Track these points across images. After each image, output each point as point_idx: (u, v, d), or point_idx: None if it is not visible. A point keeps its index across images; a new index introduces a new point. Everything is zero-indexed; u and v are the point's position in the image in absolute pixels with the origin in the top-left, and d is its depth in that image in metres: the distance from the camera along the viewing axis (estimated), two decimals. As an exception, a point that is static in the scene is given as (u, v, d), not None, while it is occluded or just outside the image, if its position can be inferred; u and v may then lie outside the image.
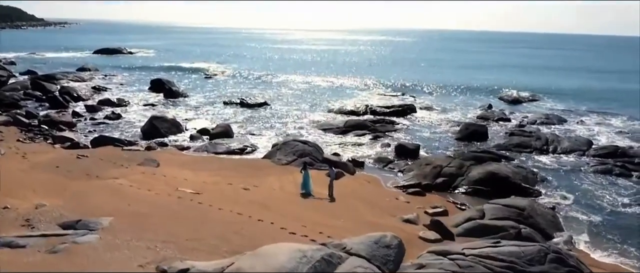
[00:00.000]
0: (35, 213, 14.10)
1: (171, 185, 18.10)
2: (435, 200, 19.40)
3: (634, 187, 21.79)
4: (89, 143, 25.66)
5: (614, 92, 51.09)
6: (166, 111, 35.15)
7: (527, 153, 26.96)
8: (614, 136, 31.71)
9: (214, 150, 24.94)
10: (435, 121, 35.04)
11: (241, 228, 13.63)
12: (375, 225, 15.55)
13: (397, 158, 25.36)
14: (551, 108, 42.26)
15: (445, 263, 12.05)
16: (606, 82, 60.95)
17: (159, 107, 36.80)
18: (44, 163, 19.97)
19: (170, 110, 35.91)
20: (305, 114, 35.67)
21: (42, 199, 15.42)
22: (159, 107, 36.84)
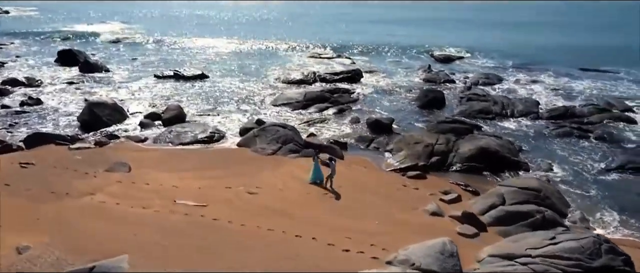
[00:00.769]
0: (23, 262, 11.39)
1: (164, 196, 15.81)
2: (438, 182, 19.27)
3: (599, 150, 23.54)
4: (20, 143, 21.54)
5: (539, 48, 54.10)
6: (92, 91, 30.84)
7: (490, 120, 27.92)
8: (551, 95, 34.03)
9: (179, 140, 22.36)
10: (386, 87, 34.84)
11: (287, 250, 12.27)
12: (408, 224, 15.04)
13: (373, 133, 24.77)
14: (483, 66, 44.25)
15: (519, 269, 11.81)
16: (531, 37, 64.44)
17: (82, 86, 32.11)
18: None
19: (96, 89, 31.53)
20: (252, 87, 33.40)
21: (16, 237, 12.49)
22: (81, 86, 32.13)
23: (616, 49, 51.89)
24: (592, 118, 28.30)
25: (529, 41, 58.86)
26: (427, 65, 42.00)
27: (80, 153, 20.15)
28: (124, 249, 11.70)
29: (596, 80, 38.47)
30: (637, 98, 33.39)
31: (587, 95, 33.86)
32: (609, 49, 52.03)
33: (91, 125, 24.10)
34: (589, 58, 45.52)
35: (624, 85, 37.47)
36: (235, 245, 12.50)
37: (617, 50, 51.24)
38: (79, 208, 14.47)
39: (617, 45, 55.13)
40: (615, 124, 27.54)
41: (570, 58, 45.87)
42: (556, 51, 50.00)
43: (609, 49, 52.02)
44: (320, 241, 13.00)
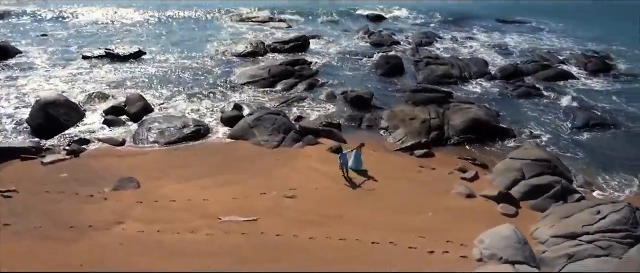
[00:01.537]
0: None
1: (202, 214, 14.80)
2: (447, 159, 20.21)
3: (558, 109, 26.11)
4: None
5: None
6: (19, 84, 26.82)
7: (454, 84, 29.37)
8: (492, 53, 36.44)
9: (165, 139, 20.62)
10: (340, 55, 34.57)
11: (381, 262, 12.31)
12: (454, 211, 15.79)
13: (354, 110, 24.94)
14: (414, 24, 45.55)
15: (588, 247, 13.13)
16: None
17: (0, 78, 27.67)
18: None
19: (22, 81, 27.42)
20: (201, 64, 31.18)
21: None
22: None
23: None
24: (537, 75, 31.01)
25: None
26: (364, 26, 42.27)
27: (61, 169, 17.79)
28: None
29: (522, 34, 41.80)
30: (563, 50, 37.00)
31: (522, 51, 36.81)
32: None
33: (48, 130, 21.14)
34: (504, 10, 48.81)
35: (546, 37, 41.27)
36: (322, 263, 12.23)
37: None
38: (118, 244, 13.04)
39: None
40: (558, 80, 30.45)
41: (489, 11, 48.84)
42: (475, 4, 52.85)
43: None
44: (400, 245, 13.20)
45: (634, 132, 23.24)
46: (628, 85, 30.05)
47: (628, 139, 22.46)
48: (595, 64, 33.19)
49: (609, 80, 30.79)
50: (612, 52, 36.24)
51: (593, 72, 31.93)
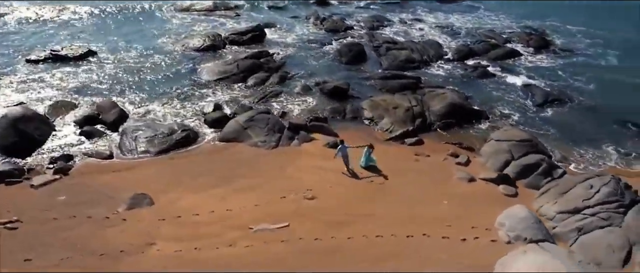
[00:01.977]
0: None
1: (231, 225, 14.95)
2: (436, 145, 21.55)
3: (516, 86, 28.30)
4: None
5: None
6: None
7: (417, 68, 30.77)
8: (442, 34, 38.19)
9: (155, 148, 20.09)
10: (296, 43, 34.50)
11: (434, 255, 13.23)
12: (463, 196, 17.04)
13: (332, 101, 25.54)
14: (358, 7, 46.11)
15: (593, 220, 14.92)
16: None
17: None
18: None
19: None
20: (160, 61, 30.05)
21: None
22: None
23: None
24: (489, 55, 33.23)
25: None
26: (313, 12, 42.45)
27: (56, 191, 16.92)
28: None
29: (462, 14, 44.06)
30: (504, 28, 39.70)
31: (467, 30, 38.92)
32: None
33: (23, 148, 19.78)
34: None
35: (485, 15, 43.87)
36: (372, 262, 12.93)
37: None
38: (161, 267, 12.89)
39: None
40: (507, 59, 32.87)
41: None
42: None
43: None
44: (433, 237, 14.18)
45: (586, 105, 25.86)
46: (568, 60, 33.03)
47: (583, 113, 25.00)
48: (536, 40, 36.02)
49: (551, 56, 33.62)
50: (546, 28, 39.37)
51: (536, 49, 34.60)
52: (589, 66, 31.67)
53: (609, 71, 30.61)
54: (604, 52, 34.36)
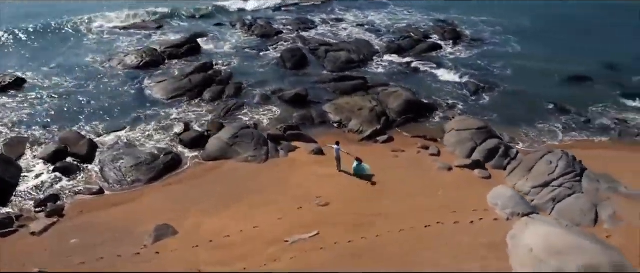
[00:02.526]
0: None
1: (265, 242, 15.88)
2: (405, 140, 23.88)
3: (449, 78, 31.72)
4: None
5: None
6: None
7: (358, 68, 33.00)
8: (366, 32, 40.74)
9: (146, 176, 20.04)
10: (233, 51, 34.99)
11: (454, 239, 15.39)
12: (449, 185, 19.49)
13: (295, 108, 26.79)
14: (276, 10, 47.17)
15: (561, 190, 18.17)
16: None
17: None
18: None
19: None
20: (102, 84, 28.98)
21: None
22: None
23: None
24: (415, 50, 36.52)
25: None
26: (238, 19, 42.76)
27: (61, 235, 16.49)
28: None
29: (377, 10, 47.16)
30: (418, 23, 43.44)
31: (387, 27, 42.00)
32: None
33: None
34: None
35: (397, 11, 47.40)
36: (408, 253, 14.78)
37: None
38: None
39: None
40: (431, 52, 36.43)
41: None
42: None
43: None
44: (446, 224, 16.35)
45: (510, 90, 29.81)
46: (481, 49, 37.35)
47: (511, 97, 28.84)
48: (449, 33, 40.05)
49: (466, 47, 37.72)
50: (454, 20, 43.84)
51: (452, 41, 38.58)
52: (500, 54, 36.16)
53: (517, 58, 35.19)
54: (507, 39, 39.29)
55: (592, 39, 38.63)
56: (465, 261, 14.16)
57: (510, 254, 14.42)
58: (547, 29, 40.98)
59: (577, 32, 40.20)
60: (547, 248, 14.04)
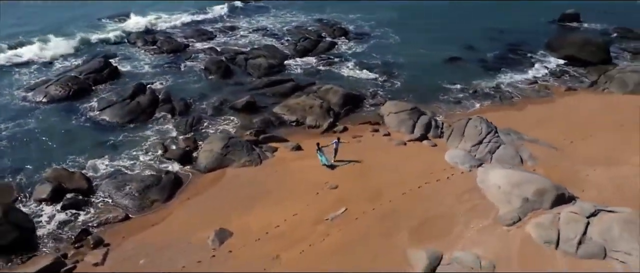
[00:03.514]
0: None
1: (315, 221, 19.48)
2: (358, 128, 28.60)
3: (358, 72, 37.49)
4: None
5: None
6: None
7: (279, 71, 36.88)
8: (266, 37, 44.50)
9: (161, 195, 21.81)
10: (155, 70, 35.81)
11: (449, 189, 20.88)
12: (411, 155, 25.05)
13: (252, 115, 29.70)
14: (152, 21, 47.85)
15: (492, 145, 25.02)
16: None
17: None
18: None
19: None
20: (44, 121, 28.37)
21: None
22: None
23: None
24: (318, 49, 41.57)
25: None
26: (137, 36, 42.69)
27: (123, 260, 18.06)
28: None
29: (264, 15, 51.05)
30: (305, 24, 48.40)
31: (280, 30, 46.18)
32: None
33: (24, 240, 18.96)
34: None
35: (280, 14, 51.79)
36: (426, 204, 19.88)
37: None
38: (316, 263, 17.04)
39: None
40: (332, 50, 41.85)
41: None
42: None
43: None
44: (432, 183, 21.68)
45: (410, 75, 36.35)
46: (369, 42, 43.83)
47: (413, 79, 35.42)
48: (337, 31, 45.92)
49: (357, 42, 43.84)
50: (333, 18, 49.84)
51: (344, 38, 44.43)
52: (386, 45, 43.11)
53: (402, 47, 42.43)
54: (386, 31, 46.56)
55: (450, 26, 47.99)
56: (460, 203, 19.75)
57: (485, 193, 20.34)
58: (413, 21, 49.39)
59: (437, 21, 49.34)
60: (509, 184, 20.23)
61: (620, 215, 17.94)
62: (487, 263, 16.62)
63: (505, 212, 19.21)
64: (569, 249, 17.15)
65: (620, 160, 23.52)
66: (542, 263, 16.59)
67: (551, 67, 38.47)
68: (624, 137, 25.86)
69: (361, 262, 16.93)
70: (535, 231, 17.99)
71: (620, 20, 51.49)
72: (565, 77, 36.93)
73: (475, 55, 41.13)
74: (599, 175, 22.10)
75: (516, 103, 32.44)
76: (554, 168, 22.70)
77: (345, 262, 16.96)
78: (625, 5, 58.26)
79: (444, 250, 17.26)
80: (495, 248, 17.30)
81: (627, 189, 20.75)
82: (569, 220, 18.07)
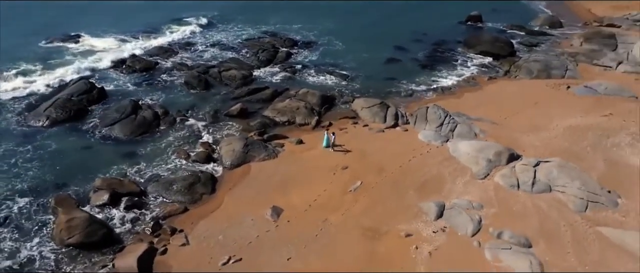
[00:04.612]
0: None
1: (343, 191, 25.35)
2: (339, 123, 34.67)
3: (317, 75, 43.65)
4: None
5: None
6: None
7: (254, 80, 41.89)
8: (225, 51, 48.71)
9: (206, 189, 26.34)
10: (142, 89, 38.77)
11: (437, 159, 27.71)
12: (393, 140, 31.72)
13: (248, 119, 34.61)
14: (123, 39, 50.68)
15: (451, 124, 32.52)
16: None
17: None
18: None
19: None
20: (64, 141, 30.83)
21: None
22: None
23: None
24: (278, 58, 46.92)
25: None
26: (115, 58, 44.92)
27: (201, 240, 22.58)
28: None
29: (212, 30, 55.21)
30: (255, 36, 53.37)
31: (234, 43, 50.60)
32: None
33: (110, 239, 22.73)
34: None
35: (228, 28, 56.08)
36: (427, 167, 26.49)
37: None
38: (355, 220, 22.96)
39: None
40: (289, 59, 47.46)
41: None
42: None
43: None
44: (417, 157, 28.40)
45: (364, 75, 42.94)
46: (319, 50, 49.87)
47: (368, 79, 42.06)
48: (287, 41, 51.49)
49: (309, 50, 49.64)
50: (278, 30, 55.36)
51: (296, 47, 50.14)
52: (335, 51, 49.47)
53: (348, 52, 48.96)
54: (330, 39, 52.93)
55: (381, 31, 55.58)
56: (443, 168, 26.66)
57: (459, 159, 27.41)
58: (349, 28, 56.35)
59: (369, 26, 56.78)
60: (474, 151, 27.52)
61: (554, 163, 25.79)
62: (477, 204, 23.51)
63: (477, 170, 26.34)
64: (527, 189, 24.58)
65: (541, 127, 31.85)
66: (511, 200, 23.83)
67: (473, 62, 47.16)
68: (540, 111, 34.48)
69: (388, 217, 22.98)
70: (502, 180, 25.27)
71: (512, 18, 62.48)
72: (484, 69, 45.71)
73: (409, 56, 48.83)
74: (531, 139, 30.13)
75: (455, 92, 40.29)
76: (499, 137, 30.35)
77: (377, 218, 22.92)
78: (514, 5, 70.07)
79: (444, 200, 23.90)
80: (479, 194, 24.29)
81: (552, 146, 28.93)
82: (522, 170, 25.57)
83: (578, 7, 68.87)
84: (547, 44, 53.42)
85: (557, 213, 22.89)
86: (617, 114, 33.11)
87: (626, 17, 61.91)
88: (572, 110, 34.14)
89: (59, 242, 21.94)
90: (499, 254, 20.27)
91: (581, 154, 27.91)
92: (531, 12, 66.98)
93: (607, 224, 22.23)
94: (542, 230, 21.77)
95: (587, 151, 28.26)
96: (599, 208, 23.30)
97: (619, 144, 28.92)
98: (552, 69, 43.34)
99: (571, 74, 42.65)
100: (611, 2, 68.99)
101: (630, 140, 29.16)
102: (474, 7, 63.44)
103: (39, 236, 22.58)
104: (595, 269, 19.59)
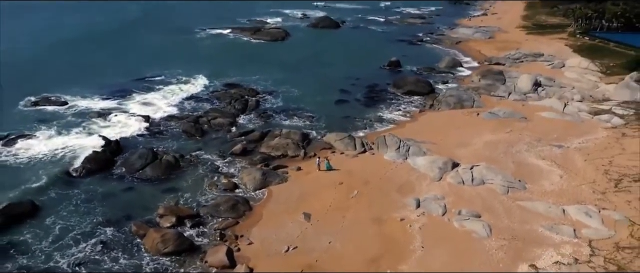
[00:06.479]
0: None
1: (346, 197, 35.88)
2: (320, 152, 45.25)
3: (286, 121, 54.11)
4: None
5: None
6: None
7: (237, 124, 51.23)
8: (190, 100, 57.64)
9: (247, 208, 35.51)
10: (145, 138, 46.77)
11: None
12: (367, 162, 42.90)
13: (249, 156, 44.10)
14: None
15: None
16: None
17: None
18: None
19: None
20: (110, 188, 37.52)
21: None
22: None
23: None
24: (250, 104, 56.67)
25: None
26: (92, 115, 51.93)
27: (265, 237, 31.84)
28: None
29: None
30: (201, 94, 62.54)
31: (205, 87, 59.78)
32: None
33: (188, 249, 31.06)
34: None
35: (186, 81, 64.85)
36: (404, 178, 37.74)
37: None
38: (369, 214, 33.47)
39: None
40: (258, 107, 57.37)
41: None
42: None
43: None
44: (388, 172, 39.71)
45: (321, 115, 54.05)
46: (279, 97, 60.28)
47: (327, 118, 53.05)
48: (250, 92, 61.31)
49: (272, 97, 59.96)
50: (241, 82, 65.01)
51: (259, 96, 60.11)
52: (294, 98, 59.57)
53: (304, 97, 59.39)
54: (286, 88, 63.34)
55: (323, 78, 67.29)
56: (410, 176, 38.04)
57: (419, 170, 39.08)
58: (297, 77, 67.72)
59: (312, 76, 68.33)
60: (428, 163, 39.37)
61: (482, 166, 38.25)
62: (440, 196, 34.95)
63: (433, 175, 38.03)
64: (469, 183, 36.61)
65: (467, 143, 44.68)
66: (461, 191, 35.60)
67: (404, 99, 60.16)
68: (463, 132, 47.54)
69: (384, 210, 33.51)
70: (452, 180, 37.14)
71: (423, 62, 77.64)
72: (414, 104, 58.84)
73: (352, 97, 60.77)
74: (463, 151, 42.70)
75: (399, 123, 52.52)
76: (441, 152, 42.48)
77: (377, 211, 33.33)
78: (420, 50, 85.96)
79: (418, 196, 35.10)
80: (439, 190, 35.83)
81: (478, 155, 41.63)
82: (463, 172, 37.70)
83: (471, 49, 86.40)
84: (454, 81, 68.38)
85: (492, 196, 34.96)
86: (515, 130, 47.07)
87: (508, 56, 79.69)
88: (485, 130, 47.58)
89: (155, 252, 29.56)
90: (462, 223, 31.60)
91: (498, 159, 40.76)
92: (436, 56, 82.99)
93: (522, 199, 34.62)
94: (485, 207, 33.59)
95: (501, 156, 41.22)
96: (515, 191, 35.74)
97: (520, 150, 42.34)
98: (463, 101, 57.44)
99: (477, 104, 56.95)
100: (495, 44, 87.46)
101: (527, 147, 42.79)
102: (388, 54, 77.79)
103: (137, 251, 29.92)
104: (520, 225, 31.60)
